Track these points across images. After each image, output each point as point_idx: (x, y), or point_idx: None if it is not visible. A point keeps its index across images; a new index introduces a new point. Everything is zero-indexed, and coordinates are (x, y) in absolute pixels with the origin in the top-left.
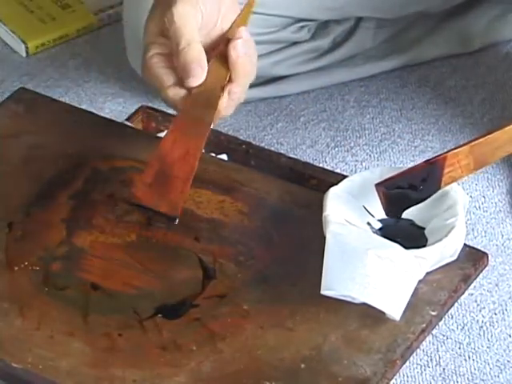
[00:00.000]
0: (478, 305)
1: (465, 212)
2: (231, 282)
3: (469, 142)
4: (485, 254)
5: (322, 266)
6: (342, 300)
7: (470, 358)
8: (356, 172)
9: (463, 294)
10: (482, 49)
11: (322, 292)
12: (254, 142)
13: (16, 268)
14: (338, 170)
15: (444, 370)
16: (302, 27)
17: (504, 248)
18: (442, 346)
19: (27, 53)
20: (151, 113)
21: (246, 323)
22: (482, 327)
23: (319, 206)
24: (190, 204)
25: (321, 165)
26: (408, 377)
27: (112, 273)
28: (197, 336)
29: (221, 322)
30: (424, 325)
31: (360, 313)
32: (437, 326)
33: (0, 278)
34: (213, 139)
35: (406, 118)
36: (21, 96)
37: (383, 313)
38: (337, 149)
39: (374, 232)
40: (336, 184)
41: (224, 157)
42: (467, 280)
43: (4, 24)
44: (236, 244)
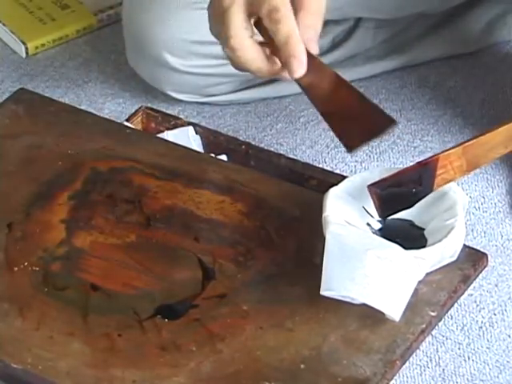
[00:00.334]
0: (477, 305)
1: (464, 212)
2: (231, 283)
3: (461, 144)
4: (484, 255)
5: (321, 267)
6: (342, 300)
7: (469, 358)
8: (356, 173)
9: (463, 294)
10: (482, 49)
11: (322, 292)
12: (253, 143)
13: (16, 268)
14: (337, 171)
15: (443, 370)
16: None
17: (503, 249)
18: (441, 347)
19: (27, 53)
20: (151, 113)
21: (246, 324)
22: (481, 328)
23: (319, 207)
24: (189, 204)
25: (320, 165)
26: (408, 377)
27: (112, 273)
28: (196, 336)
29: (220, 323)
30: (424, 325)
31: (360, 313)
32: (436, 327)
33: (0, 278)
34: (212, 140)
35: (405, 118)
36: (20, 96)
37: (383, 313)
38: (336, 149)
39: (373, 232)
40: (336, 185)
41: (224, 157)
42: (467, 281)
43: (4, 24)
44: (235, 244)
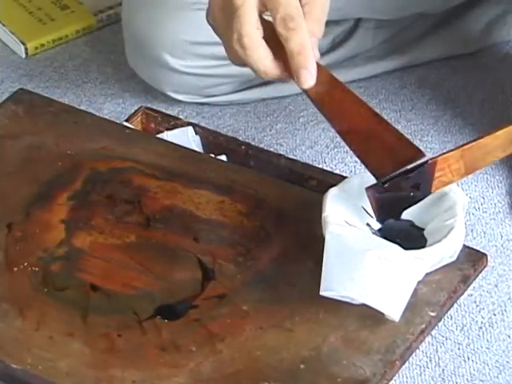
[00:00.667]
0: (477, 306)
1: (464, 213)
2: (230, 283)
3: (460, 147)
4: (484, 255)
5: (321, 267)
6: (342, 301)
7: (469, 358)
8: (355, 173)
9: (462, 294)
10: (482, 49)
11: (322, 293)
12: (253, 143)
13: (15, 269)
14: (337, 171)
15: (443, 370)
16: None
17: (503, 249)
18: (441, 347)
19: (26, 54)
20: (150, 113)
21: (246, 324)
22: (481, 328)
23: (318, 207)
24: (189, 205)
25: (320, 166)
26: (407, 378)
27: (111, 273)
28: (196, 337)
29: (220, 323)
30: (423, 325)
31: (359, 313)
32: (436, 327)
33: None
34: (212, 140)
35: (405, 118)
36: (20, 97)
37: (382, 314)
38: (336, 150)
39: (373, 233)
40: (335, 185)
41: (223, 158)
42: (466, 281)
43: (3, 25)
44: (235, 245)
